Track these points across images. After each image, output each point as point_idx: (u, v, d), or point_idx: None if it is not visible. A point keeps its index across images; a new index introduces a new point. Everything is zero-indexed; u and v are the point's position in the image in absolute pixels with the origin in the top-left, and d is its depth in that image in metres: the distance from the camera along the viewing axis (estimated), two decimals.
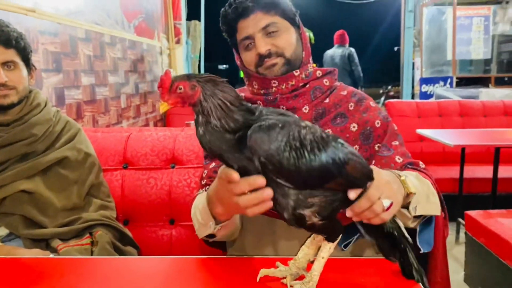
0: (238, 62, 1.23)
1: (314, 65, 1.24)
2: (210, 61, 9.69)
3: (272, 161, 0.74)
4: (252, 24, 1.14)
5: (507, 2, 6.36)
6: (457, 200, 3.05)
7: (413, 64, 7.55)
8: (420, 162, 1.18)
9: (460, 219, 2.78)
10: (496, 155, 2.69)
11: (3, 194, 1.30)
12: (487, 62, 6.89)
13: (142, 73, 4.02)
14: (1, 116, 1.34)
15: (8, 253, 1.21)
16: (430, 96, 6.64)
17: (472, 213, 2.27)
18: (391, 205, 0.84)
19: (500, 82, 6.27)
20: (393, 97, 10.41)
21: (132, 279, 0.93)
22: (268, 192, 0.78)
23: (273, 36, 1.15)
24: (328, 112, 1.18)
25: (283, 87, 1.16)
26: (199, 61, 7.47)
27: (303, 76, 1.18)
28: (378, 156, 1.16)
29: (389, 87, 12.06)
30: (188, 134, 1.68)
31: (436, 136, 2.92)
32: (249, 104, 0.82)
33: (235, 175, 0.79)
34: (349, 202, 0.81)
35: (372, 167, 0.85)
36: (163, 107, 0.80)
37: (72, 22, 2.61)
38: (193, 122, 0.83)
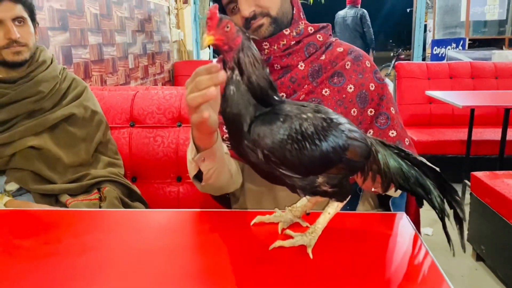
0: None
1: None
2: None
3: (275, 154, 0.75)
4: None
5: None
6: (464, 162, 3.05)
7: (425, 26, 7.36)
8: (406, 139, 1.16)
9: (466, 181, 2.79)
10: (505, 117, 2.66)
11: (12, 150, 1.32)
12: (501, 23, 6.70)
13: (150, 33, 3.97)
14: (8, 73, 1.35)
15: (18, 207, 1.25)
16: (442, 58, 6.51)
17: (478, 174, 2.28)
18: None
19: None
20: (404, 60, 10.23)
21: (139, 229, 0.95)
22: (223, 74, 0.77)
23: None
24: (324, 70, 1.15)
25: (275, 47, 1.12)
26: None
27: (294, 34, 1.14)
28: (375, 126, 1.14)
29: (400, 50, 11.84)
30: None
31: (445, 97, 2.89)
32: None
33: (216, 65, 0.78)
34: (356, 169, 0.83)
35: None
36: (208, 39, 0.75)
37: None
38: None
